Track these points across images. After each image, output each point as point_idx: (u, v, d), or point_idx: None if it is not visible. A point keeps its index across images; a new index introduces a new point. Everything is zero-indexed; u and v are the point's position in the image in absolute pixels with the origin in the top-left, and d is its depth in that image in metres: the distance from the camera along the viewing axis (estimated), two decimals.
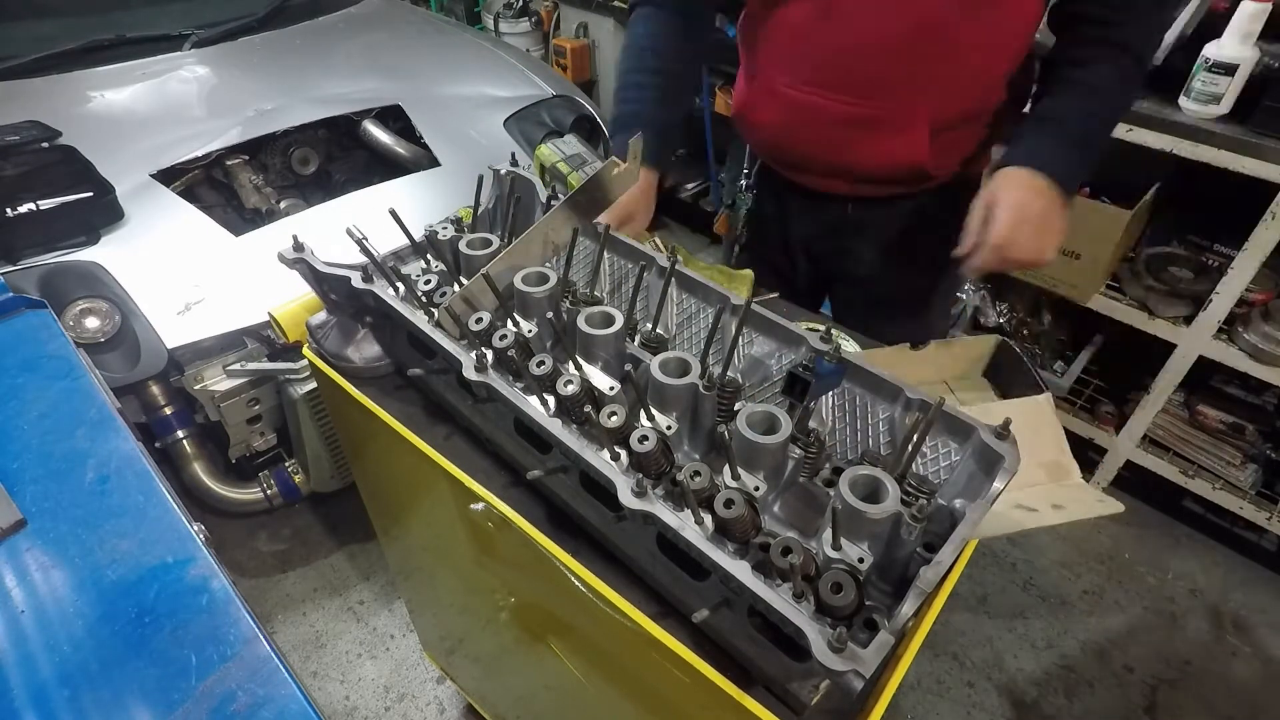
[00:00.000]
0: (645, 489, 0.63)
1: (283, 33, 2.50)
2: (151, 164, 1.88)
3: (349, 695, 1.88)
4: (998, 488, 0.61)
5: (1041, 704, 1.87)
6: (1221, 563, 2.21)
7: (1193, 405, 2.17)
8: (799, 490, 0.70)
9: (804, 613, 0.56)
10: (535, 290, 0.82)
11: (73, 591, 0.70)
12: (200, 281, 1.69)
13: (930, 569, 0.57)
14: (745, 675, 0.65)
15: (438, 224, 0.96)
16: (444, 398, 0.90)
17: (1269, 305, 1.89)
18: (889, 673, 0.66)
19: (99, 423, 0.87)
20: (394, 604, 2.05)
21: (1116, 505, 0.83)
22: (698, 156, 3.54)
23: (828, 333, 0.75)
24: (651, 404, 0.71)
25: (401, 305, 0.85)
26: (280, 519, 2.25)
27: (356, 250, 0.86)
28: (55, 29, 2.29)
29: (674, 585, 0.70)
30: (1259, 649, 1.99)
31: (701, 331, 0.87)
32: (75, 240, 1.67)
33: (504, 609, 1.06)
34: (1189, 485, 2.13)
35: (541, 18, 3.37)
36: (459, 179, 2.03)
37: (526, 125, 2.27)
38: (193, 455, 1.79)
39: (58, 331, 1.00)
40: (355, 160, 2.26)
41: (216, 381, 1.71)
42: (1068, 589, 2.13)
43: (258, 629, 0.67)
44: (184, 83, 2.20)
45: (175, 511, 0.77)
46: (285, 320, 1.07)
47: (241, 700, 0.61)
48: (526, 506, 0.81)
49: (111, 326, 1.60)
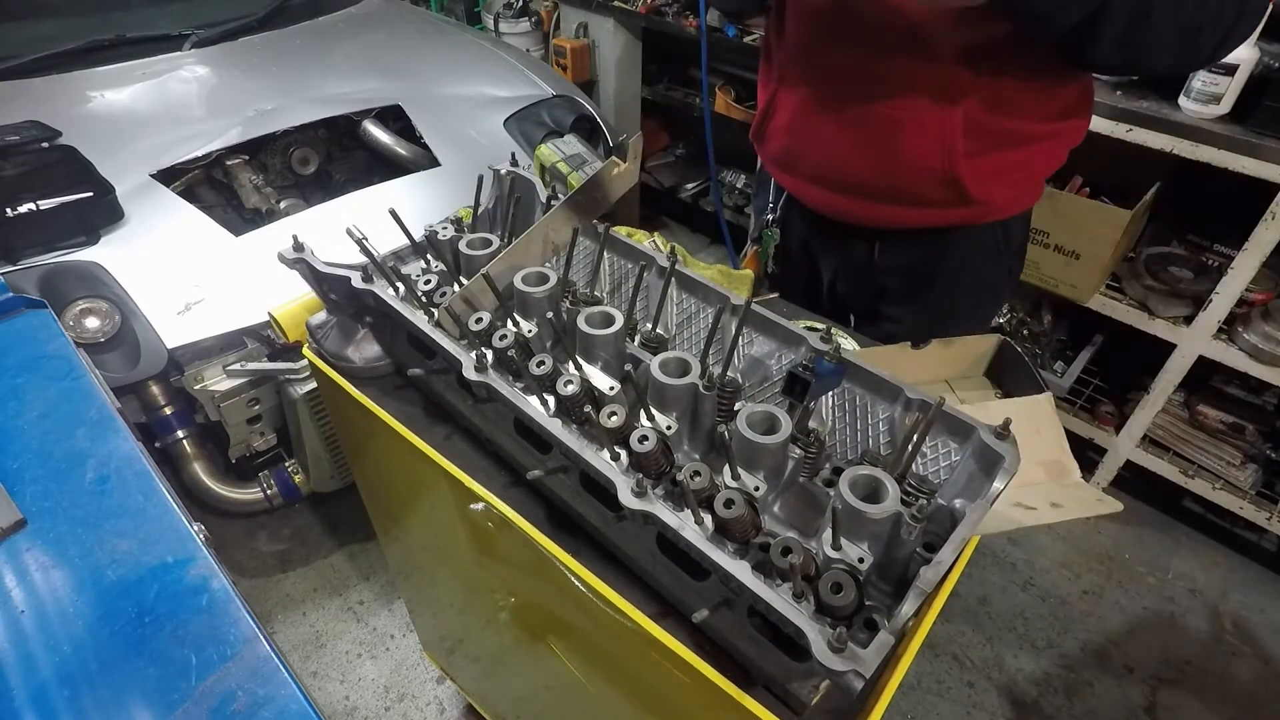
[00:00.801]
0: (645, 489, 0.63)
1: (283, 33, 2.50)
2: (151, 164, 1.88)
3: (349, 695, 1.88)
4: (998, 488, 0.61)
5: (1041, 704, 1.87)
6: (1221, 563, 2.21)
7: (1193, 405, 2.17)
8: (799, 490, 0.70)
9: (804, 613, 0.56)
10: (535, 290, 0.82)
11: (73, 591, 0.70)
12: (200, 281, 1.69)
13: (930, 569, 0.57)
14: (745, 675, 0.65)
15: (438, 224, 0.96)
16: (444, 398, 0.90)
17: (1269, 305, 1.89)
18: (889, 673, 0.66)
19: (99, 423, 0.87)
20: (394, 604, 2.05)
21: (1115, 504, 0.83)
22: (698, 156, 3.54)
23: (828, 333, 0.75)
24: (651, 404, 0.71)
25: (401, 305, 0.85)
26: (280, 519, 2.24)
27: (356, 250, 0.86)
28: (55, 29, 2.29)
29: (674, 585, 0.70)
30: (1259, 649, 1.99)
31: (701, 331, 0.87)
32: (75, 240, 1.67)
33: (504, 609, 1.06)
34: (1189, 485, 2.13)
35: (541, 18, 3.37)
36: (459, 179, 2.03)
37: (526, 125, 2.27)
38: (193, 455, 1.79)
39: (58, 331, 1.00)
40: (355, 160, 2.26)
41: (216, 381, 1.71)
42: (1068, 589, 2.13)
43: (258, 629, 0.67)
44: (184, 83, 2.20)
45: (175, 511, 0.77)
46: (285, 320, 1.07)
47: (241, 700, 0.61)
48: (526, 506, 0.81)
49: (111, 326, 1.60)
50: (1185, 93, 1.74)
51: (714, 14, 2.79)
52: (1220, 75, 1.66)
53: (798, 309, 1.20)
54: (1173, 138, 1.75)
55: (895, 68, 1.08)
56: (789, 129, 1.26)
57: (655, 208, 3.76)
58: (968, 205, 1.17)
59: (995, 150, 1.14)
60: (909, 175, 1.16)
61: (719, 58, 2.97)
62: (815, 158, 1.25)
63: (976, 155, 1.12)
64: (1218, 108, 1.71)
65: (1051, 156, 1.21)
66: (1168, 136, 1.76)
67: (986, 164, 1.14)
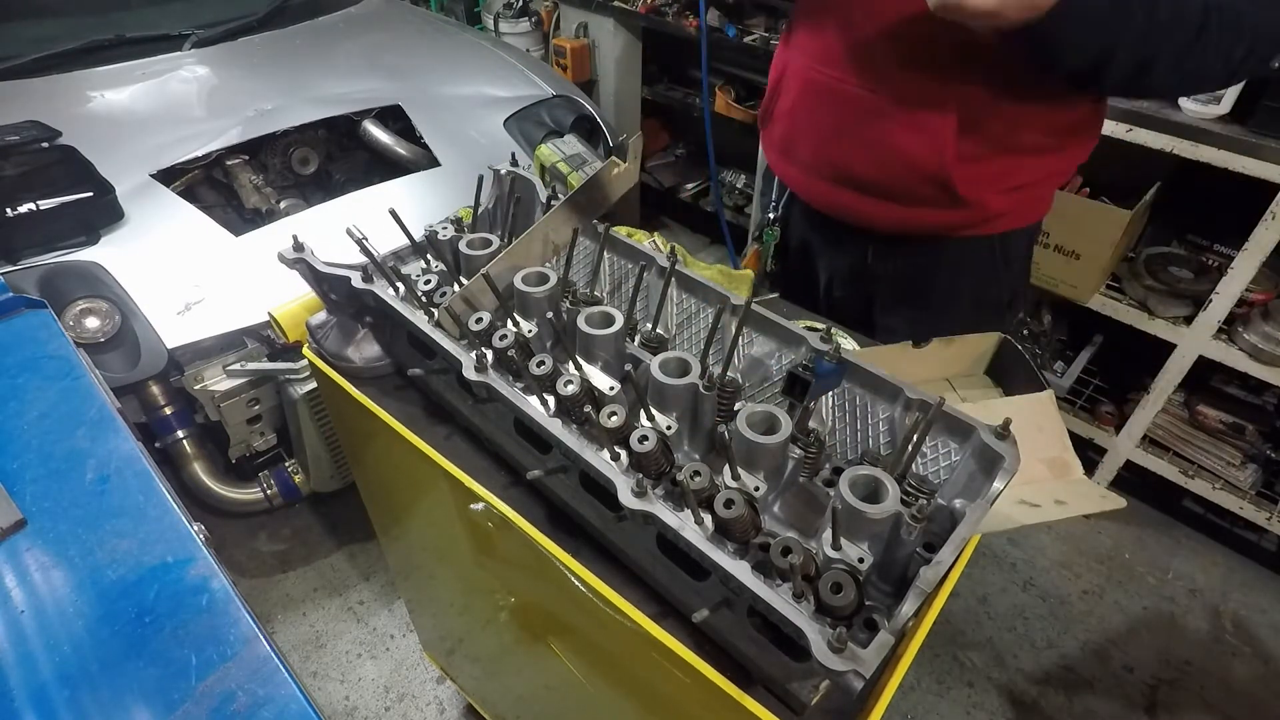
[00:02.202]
0: (645, 489, 0.63)
1: (283, 33, 2.49)
2: (151, 164, 1.88)
3: (349, 695, 1.88)
4: (998, 488, 0.61)
5: (1041, 704, 1.87)
6: (1221, 563, 2.21)
7: (1193, 405, 2.17)
8: (799, 490, 0.70)
9: (804, 613, 0.56)
10: (535, 290, 0.82)
11: (73, 591, 0.70)
12: (200, 281, 1.69)
13: (930, 569, 0.57)
14: (745, 675, 0.65)
15: (438, 224, 0.96)
16: (444, 398, 0.90)
17: (1269, 305, 1.89)
18: (889, 673, 0.66)
19: (99, 423, 0.87)
20: (394, 604, 2.05)
21: (1119, 500, 0.83)
22: (698, 156, 3.54)
23: (828, 333, 0.75)
24: (651, 404, 0.71)
25: (401, 305, 0.85)
26: (280, 519, 2.24)
27: (356, 250, 0.86)
28: (55, 29, 2.29)
29: (674, 585, 0.70)
30: (1259, 649, 1.99)
31: (701, 331, 0.87)
32: (75, 240, 1.67)
33: (504, 609, 1.06)
34: (1189, 485, 2.13)
35: (541, 18, 3.37)
36: (459, 179, 2.03)
37: (526, 125, 2.27)
38: (193, 455, 1.79)
39: (58, 331, 0.99)
40: (355, 160, 2.26)
41: (216, 381, 1.71)
42: (1068, 589, 2.13)
43: (258, 629, 0.67)
44: (184, 83, 2.20)
45: (175, 511, 0.77)
46: (285, 320, 1.07)
47: (241, 700, 0.61)
48: (526, 506, 0.81)
49: (111, 326, 1.60)
50: None
51: (714, 14, 2.79)
52: None
53: (798, 309, 1.19)
54: (1173, 138, 1.75)
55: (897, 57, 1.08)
56: (791, 112, 1.25)
57: (655, 208, 3.76)
58: (959, 207, 1.16)
59: (990, 155, 1.12)
60: (899, 168, 1.15)
61: (719, 58, 2.96)
62: (812, 143, 1.24)
63: (970, 159, 1.11)
64: (1218, 108, 1.71)
65: (1054, 172, 1.20)
66: (1168, 136, 1.76)
67: (980, 167, 1.13)
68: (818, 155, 1.24)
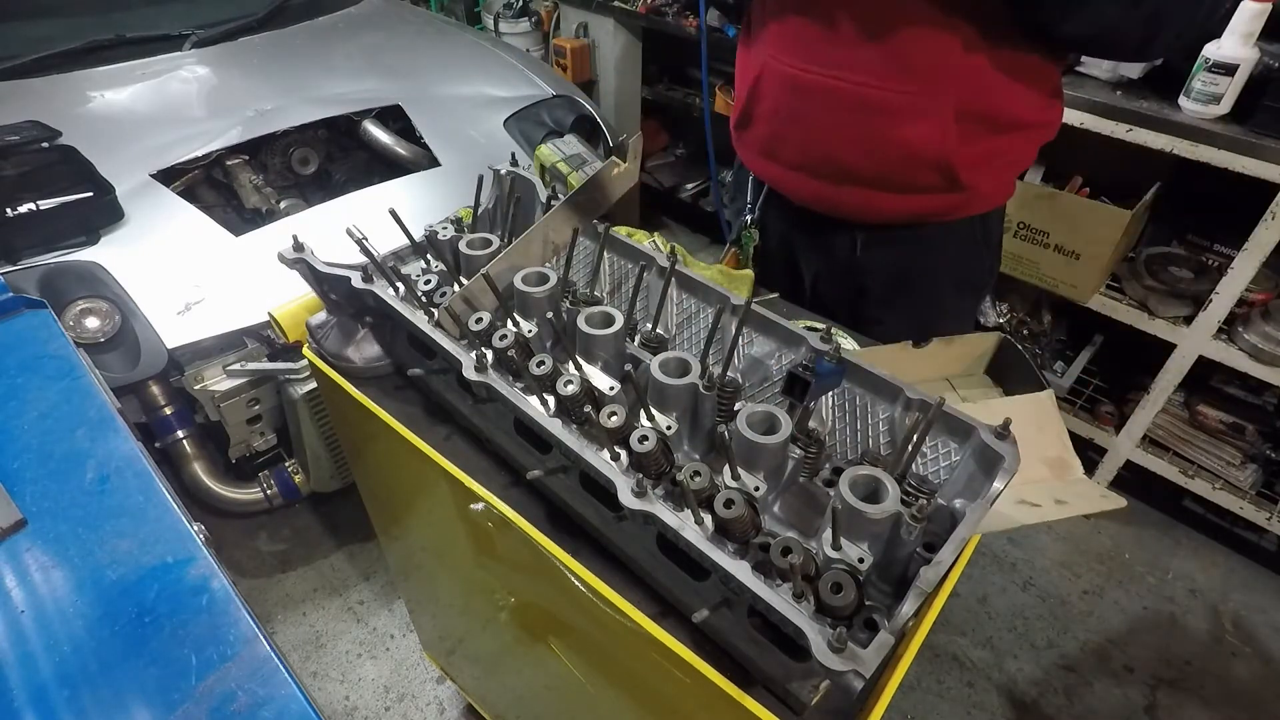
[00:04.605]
0: (645, 489, 0.63)
1: (282, 33, 2.49)
2: (151, 164, 1.88)
3: (349, 695, 1.88)
4: (998, 488, 0.61)
5: (1041, 704, 1.87)
6: (1221, 563, 2.21)
7: (1193, 405, 2.17)
8: (799, 490, 0.70)
9: (804, 613, 0.56)
10: (535, 290, 0.82)
11: (73, 591, 0.70)
12: (200, 281, 1.69)
13: (930, 569, 0.57)
14: (745, 675, 0.65)
15: (438, 224, 0.96)
16: (444, 398, 0.90)
17: (1269, 305, 1.89)
18: (889, 673, 0.66)
19: (99, 423, 0.87)
20: (394, 604, 2.05)
21: (1119, 500, 0.83)
22: (698, 156, 3.54)
23: (828, 333, 0.75)
24: (651, 404, 0.71)
25: (401, 305, 0.85)
26: (280, 519, 2.24)
27: (356, 250, 0.86)
28: (55, 29, 2.29)
29: (674, 585, 0.70)
30: (1259, 649, 1.99)
31: (701, 331, 0.87)
32: (75, 240, 1.67)
33: (504, 609, 1.06)
34: (1189, 485, 2.13)
35: (541, 18, 3.37)
36: (459, 179, 2.03)
37: (526, 125, 2.27)
38: (193, 455, 1.79)
39: (58, 331, 0.99)
40: (355, 160, 2.26)
41: (216, 381, 1.71)
42: (1068, 589, 2.13)
43: (258, 629, 0.67)
44: (184, 83, 2.20)
45: (175, 511, 0.77)
46: (285, 320, 1.07)
47: (241, 700, 0.61)
48: (526, 506, 0.81)
49: (111, 326, 1.60)
50: (1185, 92, 1.74)
51: (714, 14, 2.79)
52: (1220, 75, 1.66)
53: (798, 309, 1.20)
54: (1173, 138, 1.75)
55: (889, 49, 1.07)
56: (773, 114, 1.25)
57: (655, 208, 3.76)
58: (956, 192, 1.17)
59: (985, 136, 1.13)
60: (900, 160, 1.15)
61: (719, 58, 2.96)
62: (801, 143, 1.23)
63: (968, 141, 1.12)
64: (1218, 108, 1.71)
65: (1030, 146, 1.22)
66: (1168, 136, 1.76)
67: (977, 150, 1.13)
68: (808, 153, 1.23)
